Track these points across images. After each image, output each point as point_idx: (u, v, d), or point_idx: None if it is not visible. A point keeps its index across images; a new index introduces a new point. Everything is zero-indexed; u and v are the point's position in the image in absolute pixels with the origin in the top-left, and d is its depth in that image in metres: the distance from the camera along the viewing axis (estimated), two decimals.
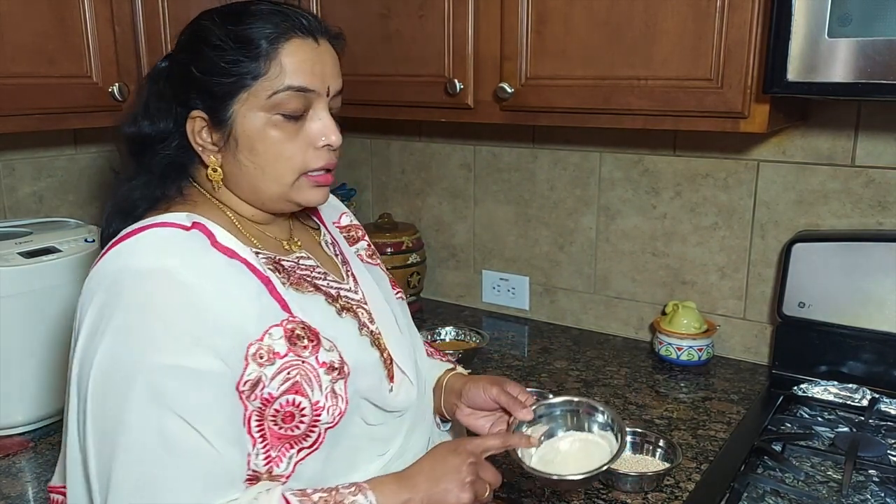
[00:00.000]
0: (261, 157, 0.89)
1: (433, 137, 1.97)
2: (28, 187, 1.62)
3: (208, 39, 0.88)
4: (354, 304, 0.99)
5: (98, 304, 0.81)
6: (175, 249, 0.83)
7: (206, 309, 0.80)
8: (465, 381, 1.09)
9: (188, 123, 0.89)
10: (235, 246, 0.86)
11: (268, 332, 0.84)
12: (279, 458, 0.86)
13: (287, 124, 0.88)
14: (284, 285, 0.89)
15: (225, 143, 0.89)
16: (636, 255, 1.73)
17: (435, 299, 2.06)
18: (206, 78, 0.87)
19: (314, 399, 0.86)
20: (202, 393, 0.79)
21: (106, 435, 0.79)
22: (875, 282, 1.38)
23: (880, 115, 1.41)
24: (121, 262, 0.82)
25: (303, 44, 0.88)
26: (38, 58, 1.26)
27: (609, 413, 1.01)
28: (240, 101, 0.87)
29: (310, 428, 0.86)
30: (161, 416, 0.78)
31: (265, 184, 0.90)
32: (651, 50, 1.25)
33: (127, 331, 0.79)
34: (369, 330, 0.98)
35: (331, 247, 1.07)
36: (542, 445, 1.00)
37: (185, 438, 0.78)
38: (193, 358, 0.79)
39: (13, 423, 1.31)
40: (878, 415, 1.33)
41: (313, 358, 0.86)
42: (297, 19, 0.89)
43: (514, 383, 1.05)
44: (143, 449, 0.78)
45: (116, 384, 0.79)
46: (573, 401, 1.03)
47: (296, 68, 0.87)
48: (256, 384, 0.83)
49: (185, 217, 0.86)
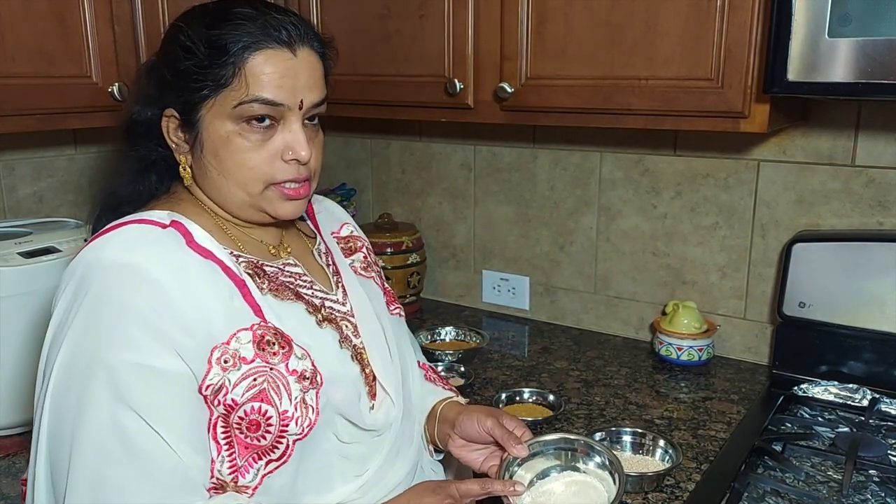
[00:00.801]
0: (224, 163, 0.88)
1: (433, 137, 1.97)
2: (28, 187, 1.62)
3: (181, 41, 0.87)
4: (339, 316, 0.97)
5: (67, 298, 0.81)
6: (145, 246, 0.82)
7: (170, 306, 0.79)
8: (460, 410, 1.05)
9: (163, 121, 0.90)
10: (212, 246, 0.86)
11: (235, 336, 0.83)
12: (245, 467, 0.84)
13: (253, 134, 0.87)
14: (262, 290, 0.88)
15: (192, 144, 0.89)
16: (636, 255, 1.73)
17: (435, 299, 2.06)
18: (176, 80, 0.87)
19: (282, 408, 0.83)
20: (163, 393, 0.78)
21: (63, 431, 0.78)
22: (875, 282, 1.38)
23: (880, 115, 1.41)
24: (91, 257, 0.82)
25: (275, 55, 0.86)
26: (38, 58, 1.26)
27: (607, 453, 0.97)
28: (206, 107, 0.87)
29: (277, 439, 0.84)
30: (121, 414, 0.76)
31: (229, 190, 0.90)
32: (651, 50, 1.25)
33: (89, 326, 0.78)
34: (352, 343, 0.96)
35: (323, 256, 1.05)
36: (534, 486, 0.96)
37: (145, 439, 0.77)
38: (156, 357, 0.78)
39: (13, 423, 1.31)
40: (879, 415, 1.33)
41: (283, 365, 0.84)
42: (277, 28, 0.86)
43: (510, 416, 1.02)
44: (102, 447, 0.77)
45: (76, 380, 0.78)
46: (570, 438, 1.00)
47: (263, 81, 0.85)
48: (219, 390, 0.81)
49: (166, 215, 0.86)
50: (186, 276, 0.82)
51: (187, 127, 0.89)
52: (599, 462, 0.97)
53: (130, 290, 0.79)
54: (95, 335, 0.78)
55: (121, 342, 0.77)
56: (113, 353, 0.77)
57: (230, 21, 0.86)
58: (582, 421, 1.35)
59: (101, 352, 0.78)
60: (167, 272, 0.80)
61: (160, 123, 0.91)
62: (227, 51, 0.84)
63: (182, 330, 0.79)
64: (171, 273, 0.81)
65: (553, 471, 0.98)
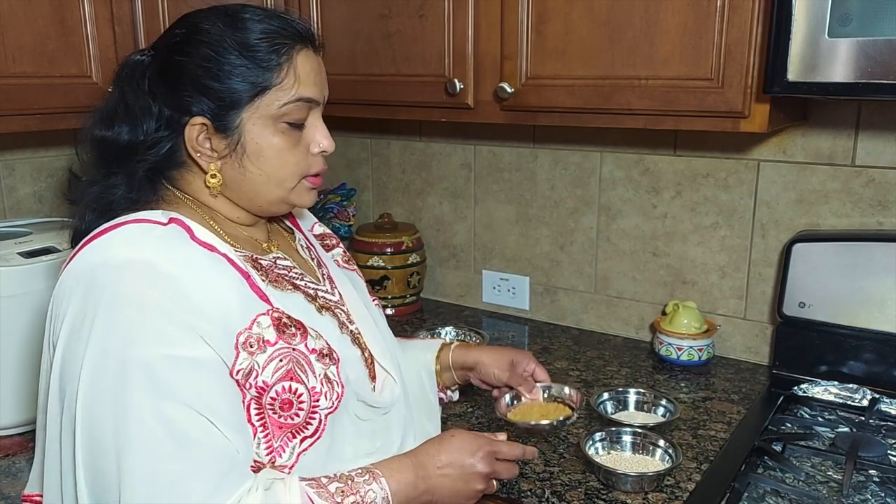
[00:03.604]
0: (268, 163, 0.90)
1: (433, 137, 1.97)
2: (28, 187, 1.62)
3: (217, 45, 0.85)
4: (332, 304, 1.00)
5: (78, 303, 0.79)
6: (152, 242, 0.82)
7: (187, 298, 0.79)
8: (477, 356, 1.19)
9: (187, 130, 0.87)
10: (214, 241, 0.86)
11: (255, 321, 0.84)
12: (281, 447, 0.85)
13: (291, 132, 0.90)
14: (264, 281, 0.89)
15: (232, 150, 0.88)
16: (637, 255, 1.73)
17: (435, 299, 2.06)
18: (216, 84, 0.85)
19: (310, 385, 0.86)
20: (201, 381, 0.79)
21: (104, 437, 0.77)
22: (875, 282, 1.38)
23: (880, 115, 1.41)
24: (98, 258, 0.81)
25: (310, 55, 0.91)
26: (38, 58, 1.26)
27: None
28: (249, 110, 0.87)
29: (309, 415, 0.86)
30: (164, 407, 0.76)
31: (268, 188, 0.92)
32: (651, 50, 1.25)
33: (112, 328, 0.77)
34: (349, 329, 0.99)
35: (307, 250, 1.08)
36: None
37: (194, 427, 0.77)
38: (186, 346, 0.78)
39: (13, 423, 1.31)
40: (879, 415, 1.33)
41: (303, 345, 0.87)
42: (298, 28, 0.89)
43: (524, 357, 1.19)
44: (152, 444, 0.76)
45: (110, 381, 0.77)
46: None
47: (306, 79, 0.89)
48: (249, 373, 0.82)
49: (161, 214, 0.86)
50: (198, 268, 0.82)
51: (221, 133, 0.87)
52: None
53: (147, 286, 0.78)
54: (121, 335, 0.77)
55: (148, 337, 0.77)
56: (143, 349, 0.77)
57: (256, 22, 0.87)
58: (582, 421, 1.35)
59: (131, 350, 0.77)
60: (179, 266, 0.81)
61: (168, 135, 0.88)
62: (271, 53, 0.86)
63: (204, 319, 0.80)
64: (183, 267, 0.81)
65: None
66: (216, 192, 0.91)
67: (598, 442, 1.22)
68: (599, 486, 1.14)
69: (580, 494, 1.12)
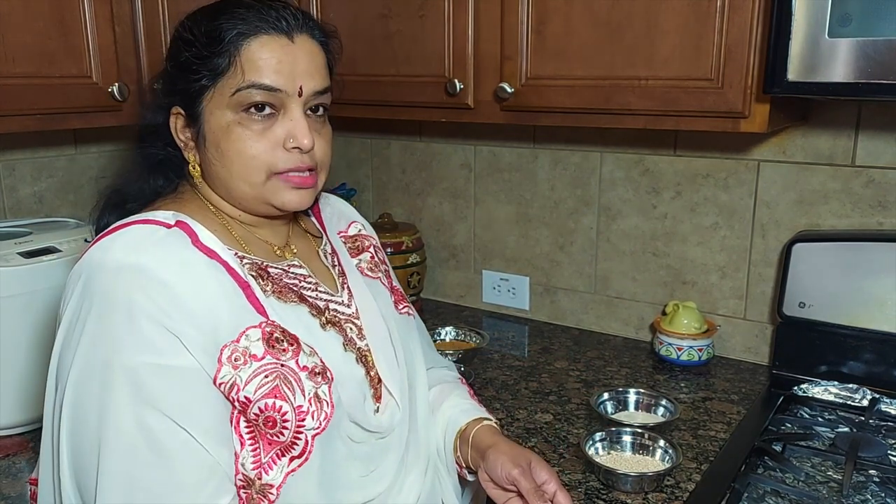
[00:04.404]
0: (225, 154, 0.88)
1: (433, 137, 1.97)
2: (28, 187, 1.62)
3: (184, 36, 0.89)
4: (344, 318, 0.97)
5: (74, 304, 0.81)
6: (150, 246, 0.82)
7: (177, 305, 0.79)
8: (490, 444, 0.99)
9: (171, 120, 0.91)
10: (217, 247, 0.85)
11: (244, 334, 0.82)
12: (269, 464, 0.84)
13: (253, 123, 0.87)
14: (266, 293, 0.88)
15: (196, 138, 0.90)
16: (637, 255, 1.73)
17: (435, 299, 2.06)
18: (179, 74, 0.88)
19: (296, 403, 0.83)
20: (184, 390, 0.78)
21: (87, 437, 0.78)
22: (875, 282, 1.38)
23: (880, 115, 1.41)
24: (96, 259, 0.81)
25: (271, 41, 0.86)
26: (38, 58, 1.26)
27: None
28: (206, 98, 0.87)
29: (295, 434, 0.83)
30: (145, 415, 0.76)
31: (234, 182, 0.89)
32: (651, 50, 1.25)
33: (101, 331, 0.78)
34: (356, 346, 0.95)
35: (329, 257, 1.04)
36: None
37: (171, 437, 0.77)
38: (171, 355, 0.78)
39: (13, 423, 1.31)
40: (879, 415, 1.33)
41: (293, 361, 0.84)
42: (273, 16, 0.87)
43: (540, 464, 0.95)
44: (130, 450, 0.76)
45: (95, 385, 0.77)
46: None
47: (260, 66, 0.85)
48: (231, 387, 0.81)
49: (171, 215, 0.86)
50: (192, 275, 0.82)
51: (191, 121, 0.89)
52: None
53: (137, 292, 0.78)
54: (109, 340, 0.78)
55: (135, 344, 0.77)
56: (129, 355, 0.77)
57: (227, 12, 0.87)
58: (582, 421, 1.35)
59: (117, 355, 0.77)
60: (173, 272, 0.80)
61: (168, 123, 0.91)
62: (223, 39, 0.85)
63: (192, 326, 0.79)
64: (177, 273, 0.80)
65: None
66: (198, 181, 0.93)
67: (598, 442, 1.22)
68: (599, 486, 1.14)
69: (580, 494, 1.12)
